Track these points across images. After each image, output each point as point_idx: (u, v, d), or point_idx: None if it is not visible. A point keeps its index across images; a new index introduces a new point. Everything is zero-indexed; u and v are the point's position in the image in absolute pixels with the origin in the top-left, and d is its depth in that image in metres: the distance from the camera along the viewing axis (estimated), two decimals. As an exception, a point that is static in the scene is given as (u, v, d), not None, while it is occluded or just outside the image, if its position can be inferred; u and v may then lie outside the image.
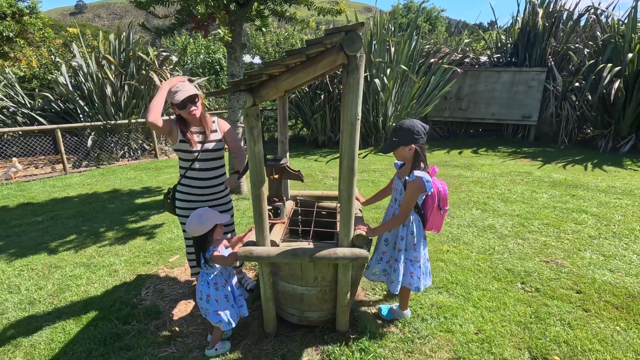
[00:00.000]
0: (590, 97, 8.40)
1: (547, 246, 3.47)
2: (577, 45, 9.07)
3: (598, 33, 8.49)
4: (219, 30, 4.20)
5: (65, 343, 2.29)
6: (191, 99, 2.23)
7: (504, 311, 2.50)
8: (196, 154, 2.35)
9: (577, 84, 8.77)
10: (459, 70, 9.32)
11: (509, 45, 10.22)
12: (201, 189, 2.43)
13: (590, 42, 8.68)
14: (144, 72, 8.27)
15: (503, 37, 10.73)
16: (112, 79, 7.88)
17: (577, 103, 8.71)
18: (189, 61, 14.08)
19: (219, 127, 2.49)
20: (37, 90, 9.16)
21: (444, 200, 2.13)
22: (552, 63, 9.08)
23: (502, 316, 2.45)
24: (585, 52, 8.70)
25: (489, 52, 10.84)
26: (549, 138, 9.37)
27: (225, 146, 2.54)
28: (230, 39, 4.32)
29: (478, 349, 2.15)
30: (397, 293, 2.22)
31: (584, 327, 2.33)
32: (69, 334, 2.37)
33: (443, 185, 2.14)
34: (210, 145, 2.40)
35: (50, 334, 2.38)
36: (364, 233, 2.03)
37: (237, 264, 2.81)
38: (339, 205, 2.82)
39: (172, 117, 2.41)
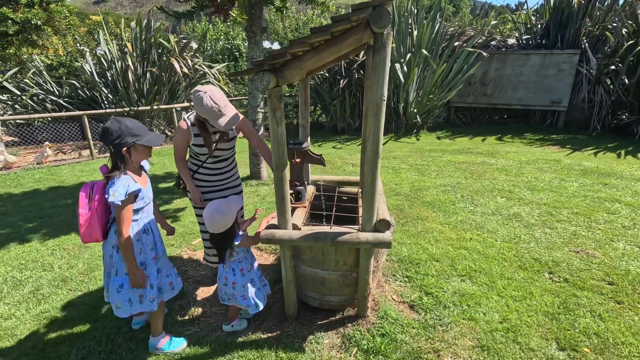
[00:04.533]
0: (627, 81, 7.91)
1: (576, 236, 3.33)
2: (614, 24, 8.49)
3: (639, 11, 7.92)
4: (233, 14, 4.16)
5: (96, 319, 2.39)
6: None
7: (530, 301, 2.43)
8: (208, 154, 2.33)
9: (613, 67, 8.26)
10: (484, 53, 8.93)
11: (539, 26, 9.70)
12: (215, 176, 2.45)
13: (629, 22, 8.11)
14: (165, 58, 8.35)
15: (533, 17, 10.19)
16: (134, 66, 8.00)
17: (612, 87, 8.22)
18: (208, 47, 14.13)
19: None
20: (64, 77, 9.43)
21: None
22: (587, 45, 8.57)
23: (529, 306, 2.38)
24: (624, 33, 8.15)
25: (517, 34, 10.33)
26: (580, 124, 8.92)
27: (240, 134, 2.43)
28: (244, 21, 4.28)
29: (503, 338, 2.10)
30: None
31: (616, 319, 2.24)
32: (98, 311, 2.48)
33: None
34: (224, 145, 2.34)
35: (82, 310, 2.49)
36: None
37: None
38: (360, 190, 2.79)
39: (185, 120, 2.25)
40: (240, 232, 2.08)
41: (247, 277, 2.11)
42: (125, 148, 1.75)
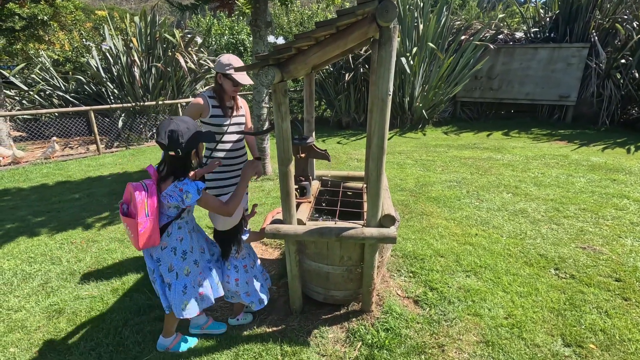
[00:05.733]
0: (637, 75, 7.78)
1: (584, 232, 3.30)
2: (625, 17, 8.33)
3: (650, 3, 7.76)
4: (239, 4, 4.17)
5: (104, 312, 2.43)
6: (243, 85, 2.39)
7: (535, 297, 2.42)
8: (226, 127, 2.43)
9: (623, 61, 8.12)
10: (491, 46, 8.82)
11: (547, 19, 9.54)
12: (231, 160, 2.53)
13: (640, 14, 7.96)
14: (170, 53, 8.36)
15: (541, 10, 10.03)
16: (139, 62, 8.02)
17: (621, 81, 8.09)
18: (213, 42, 14.11)
19: (242, 105, 2.62)
20: (70, 73, 9.49)
21: None
22: (596, 38, 8.42)
23: (534, 302, 2.37)
24: (635, 25, 7.99)
25: (525, 28, 10.18)
26: (589, 119, 8.80)
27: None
28: (249, 12, 4.28)
29: (508, 334, 2.10)
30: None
31: (623, 316, 2.22)
32: (106, 304, 2.51)
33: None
34: (237, 120, 2.51)
35: (90, 303, 2.52)
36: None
37: None
38: (365, 185, 2.78)
39: (201, 96, 2.40)
40: (245, 228, 2.09)
41: (251, 273, 2.13)
42: (194, 150, 1.70)
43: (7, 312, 2.47)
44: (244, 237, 2.06)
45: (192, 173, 2.02)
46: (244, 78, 2.33)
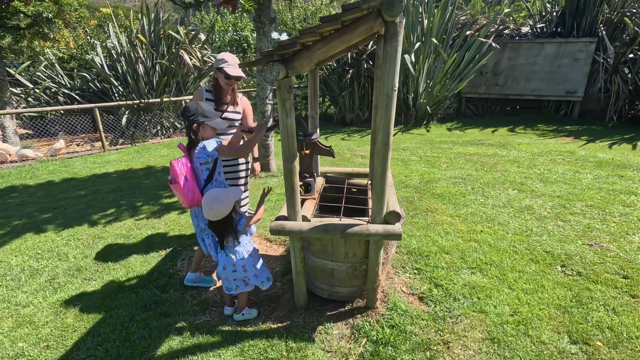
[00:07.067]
0: (645, 70, 7.65)
1: (591, 229, 3.27)
2: (634, 10, 8.18)
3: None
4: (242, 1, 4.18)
5: (110, 307, 2.45)
6: (238, 79, 2.54)
7: (542, 294, 2.40)
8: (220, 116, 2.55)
9: (631, 55, 8.00)
10: (494, 44, 8.72)
11: (554, 13, 9.41)
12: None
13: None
14: (174, 50, 8.36)
15: (548, 5, 9.89)
16: (144, 58, 8.03)
17: (630, 76, 7.97)
18: (216, 39, 14.09)
19: (241, 102, 2.74)
20: (75, 70, 9.52)
21: None
22: (604, 32, 8.29)
23: (540, 299, 2.35)
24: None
25: (531, 22, 10.05)
26: (595, 115, 8.70)
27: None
28: (252, 8, 4.27)
29: (513, 331, 2.09)
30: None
31: (631, 313, 2.20)
32: (113, 299, 2.53)
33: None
34: (230, 115, 2.63)
35: (97, 299, 2.55)
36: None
37: None
38: (369, 182, 2.77)
39: (200, 89, 2.61)
40: (239, 219, 2.11)
41: (254, 256, 2.19)
42: (195, 125, 2.16)
43: (15, 307, 2.50)
44: (242, 224, 2.12)
45: None
46: (234, 70, 2.47)
